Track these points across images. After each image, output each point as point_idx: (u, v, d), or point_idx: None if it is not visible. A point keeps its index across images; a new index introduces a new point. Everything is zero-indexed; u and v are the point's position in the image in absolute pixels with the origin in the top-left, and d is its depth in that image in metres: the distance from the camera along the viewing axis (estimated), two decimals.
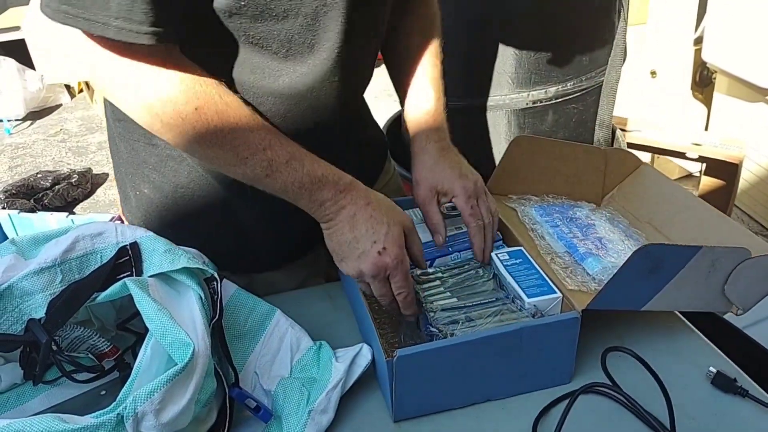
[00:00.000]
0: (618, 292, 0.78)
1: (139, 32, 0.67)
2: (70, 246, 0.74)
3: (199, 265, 0.74)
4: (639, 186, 1.10)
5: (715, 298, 0.83)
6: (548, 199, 1.08)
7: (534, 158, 1.06)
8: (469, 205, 0.90)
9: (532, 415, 0.76)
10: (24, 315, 0.71)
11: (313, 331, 0.85)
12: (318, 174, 0.78)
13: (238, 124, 0.75)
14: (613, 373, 0.80)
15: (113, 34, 0.66)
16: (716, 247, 0.78)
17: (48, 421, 0.57)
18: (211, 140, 0.74)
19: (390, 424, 0.76)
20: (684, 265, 0.78)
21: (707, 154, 2.11)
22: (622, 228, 1.01)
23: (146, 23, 0.66)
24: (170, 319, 0.65)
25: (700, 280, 0.80)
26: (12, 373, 0.75)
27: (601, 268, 0.89)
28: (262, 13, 0.73)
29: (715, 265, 0.79)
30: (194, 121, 0.73)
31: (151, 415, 0.59)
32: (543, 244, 0.96)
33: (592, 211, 1.06)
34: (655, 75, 2.75)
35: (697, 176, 2.76)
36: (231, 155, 0.76)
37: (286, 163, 0.76)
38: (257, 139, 0.76)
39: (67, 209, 3.12)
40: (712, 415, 0.76)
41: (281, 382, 0.77)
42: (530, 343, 0.76)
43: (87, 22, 0.66)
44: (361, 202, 0.79)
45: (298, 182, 0.77)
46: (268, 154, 0.76)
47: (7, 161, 3.69)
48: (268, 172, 0.76)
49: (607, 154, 1.10)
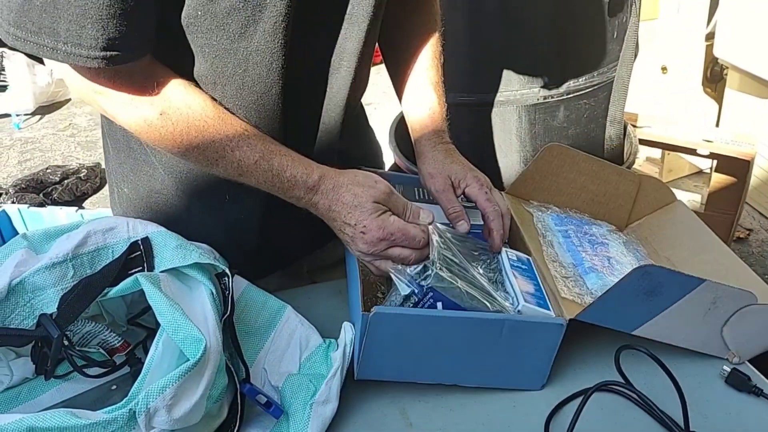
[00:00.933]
0: (610, 309, 0.77)
1: (89, 57, 0.66)
2: (82, 241, 0.74)
3: (211, 260, 0.74)
4: (667, 221, 1.06)
5: (712, 338, 0.81)
6: (569, 212, 1.06)
7: (563, 169, 1.03)
8: (483, 191, 0.90)
9: (544, 413, 0.75)
10: (36, 310, 0.71)
11: (323, 328, 0.84)
12: (286, 175, 0.78)
13: (204, 126, 0.75)
14: (626, 371, 0.80)
15: (62, 58, 0.67)
16: (720, 284, 0.75)
17: (61, 416, 0.57)
18: (179, 144, 0.75)
19: (399, 417, 0.76)
20: (683, 296, 0.75)
21: (718, 151, 2.10)
22: (638, 255, 0.98)
23: (97, 48, 0.66)
24: (182, 314, 0.64)
25: (698, 316, 0.78)
26: (23, 368, 0.75)
27: (602, 285, 0.87)
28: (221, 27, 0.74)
29: (716, 303, 0.77)
30: (160, 127, 0.74)
31: (163, 410, 0.58)
32: (550, 251, 0.94)
33: (610, 231, 1.04)
34: (666, 71, 2.74)
35: (707, 173, 2.74)
36: (201, 158, 0.76)
37: (254, 163, 0.77)
38: (224, 141, 0.76)
39: (76, 204, 3.13)
40: (725, 413, 0.75)
41: (289, 378, 0.77)
42: (510, 337, 0.75)
43: (36, 46, 0.66)
44: (331, 194, 0.79)
45: (269, 182, 0.78)
46: (237, 155, 0.76)
47: (17, 156, 3.70)
48: (240, 172, 0.77)
49: (642, 181, 1.07)
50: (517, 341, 0.75)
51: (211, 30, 0.73)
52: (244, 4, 0.71)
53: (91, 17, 0.64)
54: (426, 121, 0.98)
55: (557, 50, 1.29)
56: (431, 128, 0.97)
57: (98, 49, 0.66)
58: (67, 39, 0.65)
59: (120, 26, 0.66)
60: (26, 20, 0.65)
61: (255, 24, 0.73)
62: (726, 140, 2.10)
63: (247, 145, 0.76)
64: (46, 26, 0.65)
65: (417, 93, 1.00)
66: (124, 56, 0.69)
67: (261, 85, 0.79)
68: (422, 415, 0.76)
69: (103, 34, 0.65)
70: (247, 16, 0.72)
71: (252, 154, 0.76)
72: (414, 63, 1.00)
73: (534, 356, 0.77)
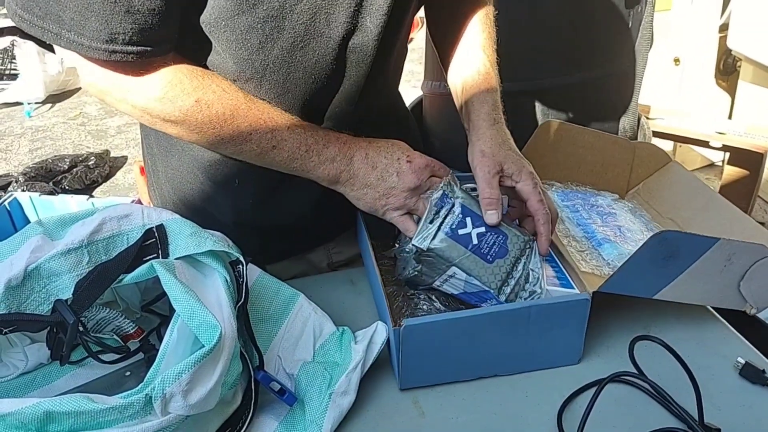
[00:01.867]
0: (631, 277, 0.78)
1: (90, 47, 0.67)
2: (97, 227, 0.74)
3: (225, 248, 0.74)
4: (665, 182, 1.08)
5: (729, 293, 0.81)
6: (572, 186, 1.07)
7: (561, 144, 1.04)
8: (537, 192, 0.83)
9: (557, 403, 0.75)
10: (51, 295, 0.72)
11: (335, 316, 0.85)
12: (320, 133, 0.80)
13: (236, 104, 0.76)
14: (640, 362, 0.79)
15: (64, 44, 0.67)
16: (734, 241, 0.76)
17: (77, 401, 0.57)
18: (214, 126, 0.76)
19: (412, 406, 0.76)
20: (700, 256, 0.77)
21: (731, 143, 2.09)
22: (644, 220, 1.00)
23: (99, 40, 0.66)
24: (197, 301, 0.65)
25: (714, 274, 0.79)
26: (38, 353, 0.76)
27: (618, 255, 0.88)
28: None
29: (731, 259, 0.78)
30: (196, 113, 0.75)
31: (179, 395, 0.59)
32: (561, 227, 0.95)
33: (615, 200, 1.05)
34: (679, 62, 2.71)
35: (719, 166, 2.73)
36: (235, 134, 0.77)
37: (287, 129, 0.78)
38: (257, 114, 0.77)
39: (86, 192, 3.14)
40: (739, 406, 0.75)
41: (303, 365, 0.77)
42: (538, 321, 0.75)
43: (41, 30, 0.67)
44: (364, 144, 0.82)
45: (305, 145, 0.79)
46: (270, 124, 0.78)
47: (28, 144, 3.72)
48: (274, 144, 0.78)
49: (636, 147, 1.09)
50: (546, 323, 0.76)
51: (230, 41, 0.74)
52: (263, 25, 0.72)
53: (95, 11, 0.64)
54: (481, 85, 0.90)
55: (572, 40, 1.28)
56: (488, 97, 0.90)
57: (101, 41, 0.66)
58: (71, 27, 0.66)
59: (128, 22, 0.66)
60: (33, 4, 0.66)
61: (273, 41, 0.74)
62: (739, 132, 2.08)
63: (278, 115, 0.79)
64: (52, 12, 0.65)
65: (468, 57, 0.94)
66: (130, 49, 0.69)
67: (278, 89, 0.80)
68: (434, 404, 0.77)
69: (106, 27, 0.66)
70: (266, 34, 0.73)
71: (284, 121, 0.79)
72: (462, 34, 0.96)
73: (566, 334, 0.78)
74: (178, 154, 0.91)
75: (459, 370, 0.78)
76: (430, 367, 0.77)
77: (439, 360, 0.76)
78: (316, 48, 0.76)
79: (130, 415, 0.58)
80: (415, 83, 1.03)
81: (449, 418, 0.75)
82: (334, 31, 0.76)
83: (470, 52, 0.95)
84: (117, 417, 0.58)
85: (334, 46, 0.77)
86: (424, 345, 0.74)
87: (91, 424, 0.58)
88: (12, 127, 3.90)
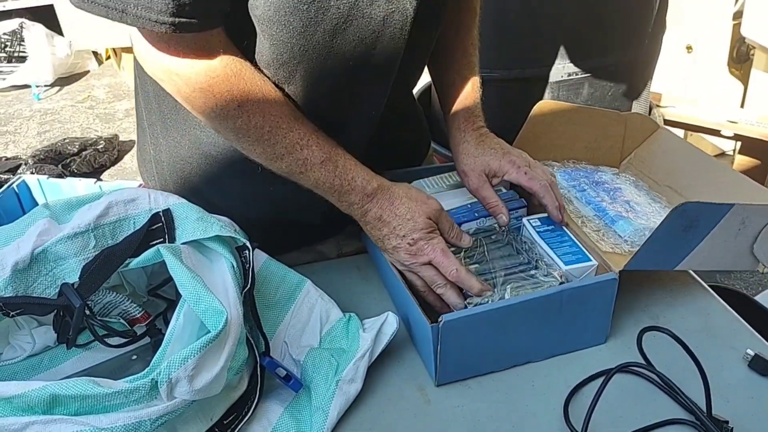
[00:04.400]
0: (654, 252, 0.79)
1: (158, 21, 0.66)
2: (104, 211, 0.74)
3: (231, 233, 0.74)
4: (656, 150, 1.09)
5: (743, 256, 0.84)
6: (569, 164, 1.07)
7: (554, 124, 1.05)
8: (523, 172, 0.90)
9: (563, 393, 0.75)
10: (58, 279, 0.72)
11: (341, 302, 0.84)
12: (348, 177, 0.80)
13: (278, 123, 0.76)
14: (648, 353, 0.79)
15: (131, 21, 0.66)
16: (747, 205, 0.79)
17: (83, 384, 0.57)
18: (249, 135, 0.76)
19: (417, 394, 0.76)
20: (717, 224, 0.79)
21: (743, 132, 2.07)
22: (645, 191, 1.01)
23: (167, 13, 0.65)
24: (203, 286, 0.64)
25: (729, 239, 0.81)
26: (45, 336, 0.76)
27: (633, 230, 0.89)
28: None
29: (744, 222, 0.80)
30: (235, 117, 0.75)
31: (185, 380, 0.59)
32: (572, 208, 0.96)
33: (615, 175, 1.07)
34: (691, 50, 2.68)
35: (731, 155, 2.70)
36: (269, 152, 0.77)
37: (320, 163, 0.78)
38: (296, 138, 0.77)
39: (94, 176, 3.14)
40: (748, 398, 0.75)
41: (310, 352, 0.77)
42: (569, 305, 0.76)
43: (105, 9, 0.66)
44: (385, 204, 0.82)
45: (329, 183, 0.80)
46: (305, 153, 0.77)
47: (36, 127, 3.72)
48: (302, 170, 0.79)
49: (627, 119, 1.10)
50: (577, 306, 0.77)
51: (273, 21, 0.72)
52: (308, 6, 0.70)
53: None
54: (455, 105, 0.97)
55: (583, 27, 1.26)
56: (459, 113, 0.96)
57: (168, 14, 0.65)
58: (138, 1, 0.65)
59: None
60: None
61: (316, 24, 0.72)
62: (751, 121, 2.06)
63: (316, 144, 0.78)
64: None
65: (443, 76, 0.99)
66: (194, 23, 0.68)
67: (312, 77, 0.78)
68: (440, 392, 0.76)
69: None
70: (311, 15, 0.72)
71: (320, 153, 0.78)
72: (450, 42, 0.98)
73: (594, 315, 0.80)
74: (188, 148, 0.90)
75: (495, 361, 0.78)
76: (468, 360, 0.77)
77: (475, 353, 0.76)
78: (356, 31, 0.74)
79: (135, 399, 0.58)
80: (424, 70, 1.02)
81: (455, 406, 0.75)
82: (375, 10, 0.74)
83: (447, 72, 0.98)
84: (123, 401, 0.58)
85: (374, 28, 0.75)
86: (461, 339, 0.74)
87: (96, 408, 0.58)
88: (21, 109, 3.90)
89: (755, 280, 2.12)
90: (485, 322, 0.74)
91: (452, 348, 0.74)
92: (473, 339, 0.74)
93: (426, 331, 0.73)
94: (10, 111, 3.91)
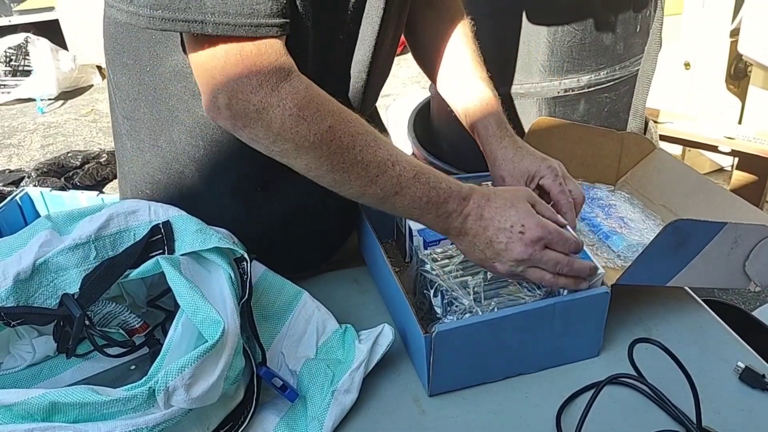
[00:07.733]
0: (646, 267, 0.80)
1: (237, 24, 0.65)
2: (105, 223, 0.75)
3: (230, 245, 0.75)
4: (652, 169, 1.10)
5: (735, 274, 0.85)
6: None
7: (552, 140, 1.06)
8: (558, 183, 0.89)
9: (556, 404, 0.76)
10: (58, 290, 0.73)
11: (338, 314, 0.85)
12: (443, 186, 0.75)
13: (365, 138, 0.72)
14: (639, 365, 0.80)
15: (212, 29, 0.65)
16: (740, 224, 0.80)
17: (82, 392, 0.58)
18: (343, 160, 0.71)
19: (413, 404, 0.77)
20: (709, 241, 0.80)
21: (740, 148, 2.07)
22: (640, 208, 1.02)
23: (242, 15, 0.64)
24: (201, 297, 0.66)
25: (722, 257, 0.82)
26: (45, 346, 0.77)
27: (626, 246, 0.91)
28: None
29: (737, 241, 0.81)
30: (328, 140, 0.70)
31: (181, 389, 0.60)
32: None
33: (610, 191, 1.08)
34: (689, 66, 2.70)
35: (728, 171, 2.71)
36: (363, 174, 0.72)
37: (413, 177, 0.74)
38: (385, 155, 0.73)
39: (97, 188, 3.16)
40: (739, 410, 0.75)
41: (306, 362, 0.78)
42: (562, 317, 0.77)
43: (185, 23, 0.65)
44: (482, 202, 0.77)
45: (426, 197, 0.74)
46: (397, 169, 0.73)
47: (40, 140, 3.74)
48: (397, 189, 0.73)
49: (624, 138, 1.11)
50: (569, 318, 0.78)
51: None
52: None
53: None
54: (481, 112, 0.95)
55: (579, 43, 1.28)
56: (491, 120, 0.95)
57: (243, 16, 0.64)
58: (214, 8, 0.64)
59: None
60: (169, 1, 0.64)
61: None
62: (748, 137, 2.07)
63: (405, 160, 0.74)
64: (192, 1, 0.64)
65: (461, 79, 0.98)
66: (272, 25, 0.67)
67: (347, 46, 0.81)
68: (435, 403, 0.77)
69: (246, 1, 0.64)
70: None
71: (410, 168, 0.74)
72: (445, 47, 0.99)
73: (586, 328, 0.80)
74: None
75: (487, 372, 0.79)
76: (460, 371, 0.77)
77: (468, 363, 0.77)
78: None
79: (133, 408, 0.60)
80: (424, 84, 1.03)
81: (449, 416, 0.75)
82: None
83: (465, 79, 0.98)
84: (120, 409, 0.59)
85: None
86: (454, 350, 0.74)
87: (95, 416, 0.59)
88: (25, 122, 3.93)
89: (753, 295, 2.12)
90: (478, 333, 0.75)
91: (445, 358, 0.74)
92: (466, 349, 0.75)
93: (420, 341, 0.74)
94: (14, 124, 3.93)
